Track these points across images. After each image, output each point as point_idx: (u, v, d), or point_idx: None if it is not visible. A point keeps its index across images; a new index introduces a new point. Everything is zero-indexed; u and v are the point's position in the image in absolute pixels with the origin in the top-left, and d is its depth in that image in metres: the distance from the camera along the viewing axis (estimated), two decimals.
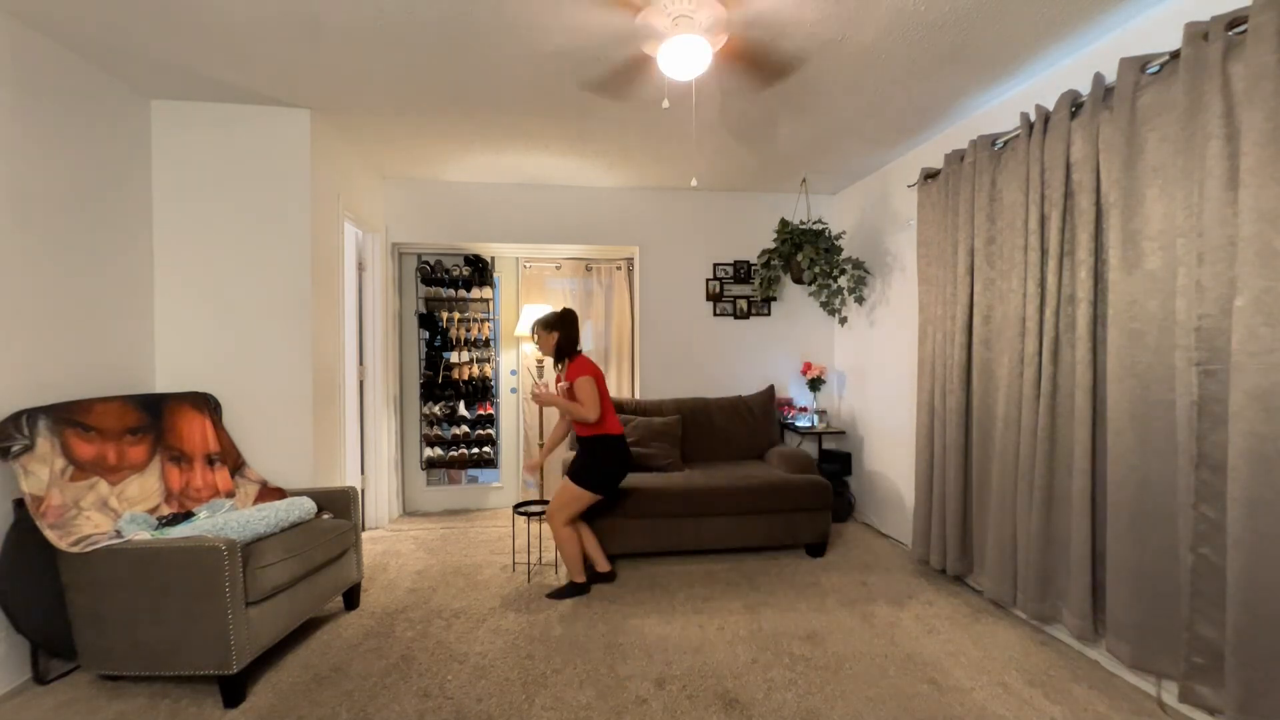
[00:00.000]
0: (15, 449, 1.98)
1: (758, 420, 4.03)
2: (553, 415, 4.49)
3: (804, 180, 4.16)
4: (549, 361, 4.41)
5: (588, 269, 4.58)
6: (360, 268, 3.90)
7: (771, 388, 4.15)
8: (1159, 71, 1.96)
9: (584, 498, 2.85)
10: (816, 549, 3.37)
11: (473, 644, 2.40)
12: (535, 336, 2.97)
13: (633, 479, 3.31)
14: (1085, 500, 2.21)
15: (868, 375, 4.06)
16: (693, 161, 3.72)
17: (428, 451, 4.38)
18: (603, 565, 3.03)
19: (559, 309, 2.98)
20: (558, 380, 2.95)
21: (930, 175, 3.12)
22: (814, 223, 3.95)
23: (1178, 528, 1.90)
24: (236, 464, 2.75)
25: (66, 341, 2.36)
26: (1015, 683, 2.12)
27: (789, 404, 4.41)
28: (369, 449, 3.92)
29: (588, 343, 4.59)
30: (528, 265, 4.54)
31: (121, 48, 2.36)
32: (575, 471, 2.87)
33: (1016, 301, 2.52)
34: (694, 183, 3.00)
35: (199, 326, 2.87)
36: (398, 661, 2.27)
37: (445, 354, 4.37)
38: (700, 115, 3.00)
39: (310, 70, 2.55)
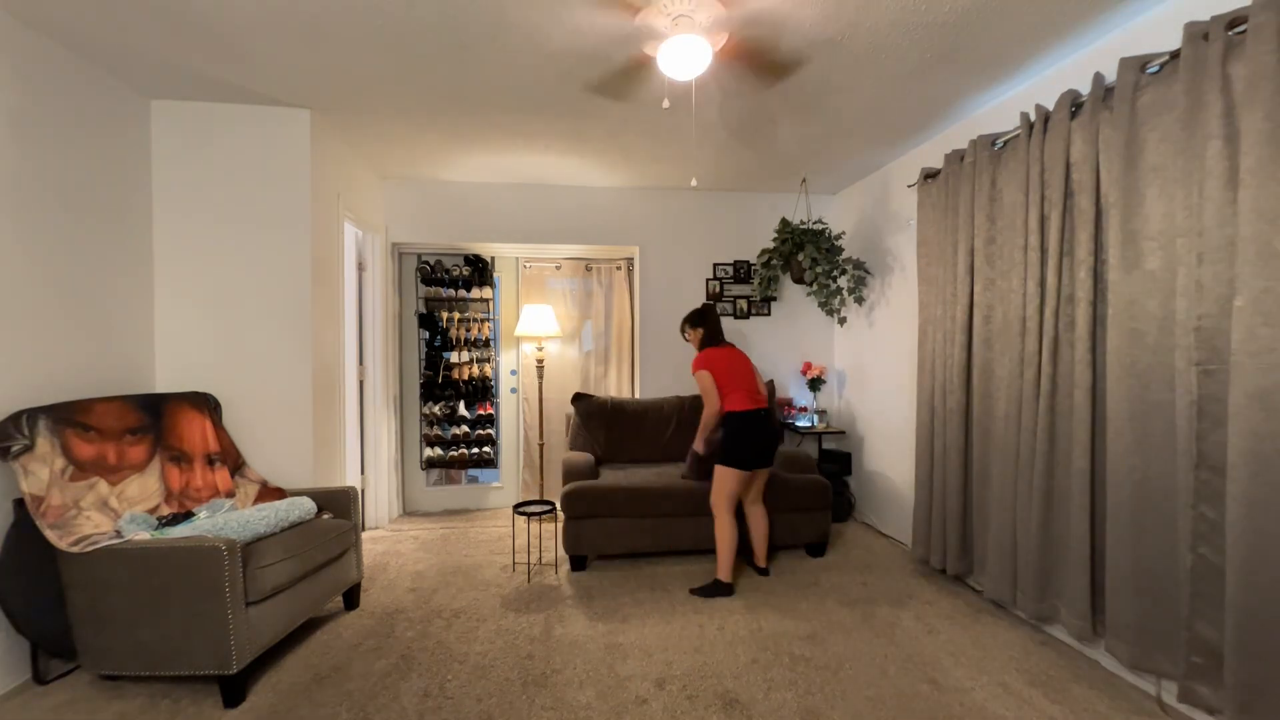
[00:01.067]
0: (15, 449, 1.99)
1: None
2: (552, 415, 4.50)
3: (804, 180, 4.16)
4: (548, 361, 4.43)
5: (588, 269, 4.58)
6: (360, 268, 3.90)
7: (771, 382, 4.14)
8: (1159, 71, 1.96)
9: (722, 475, 2.86)
10: (816, 549, 3.37)
11: (473, 644, 2.40)
12: (685, 334, 3.19)
13: (634, 479, 3.32)
14: (1085, 500, 2.21)
15: (868, 375, 4.06)
16: (693, 161, 3.72)
17: (428, 451, 4.38)
18: (760, 560, 3.07)
19: (700, 305, 3.19)
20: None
21: (930, 175, 3.12)
22: (814, 223, 3.95)
23: (1177, 527, 1.90)
24: (236, 464, 2.76)
25: (67, 341, 2.36)
26: (1015, 683, 2.12)
27: (789, 404, 4.41)
28: (369, 449, 3.92)
29: (588, 343, 4.60)
30: (528, 265, 4.54)
31: (121, 48, 2.36)
32: (716, 453, 2.94)
33: (1016, 301, 2.52)
34: (694, 183, 3.00)
35: (199, 326, 2.87)
36: (398, 661, 2.27)
37: (445, 354, 4.37)
38: (700, 115, 3.00)
39: (310, 70, 2.55)
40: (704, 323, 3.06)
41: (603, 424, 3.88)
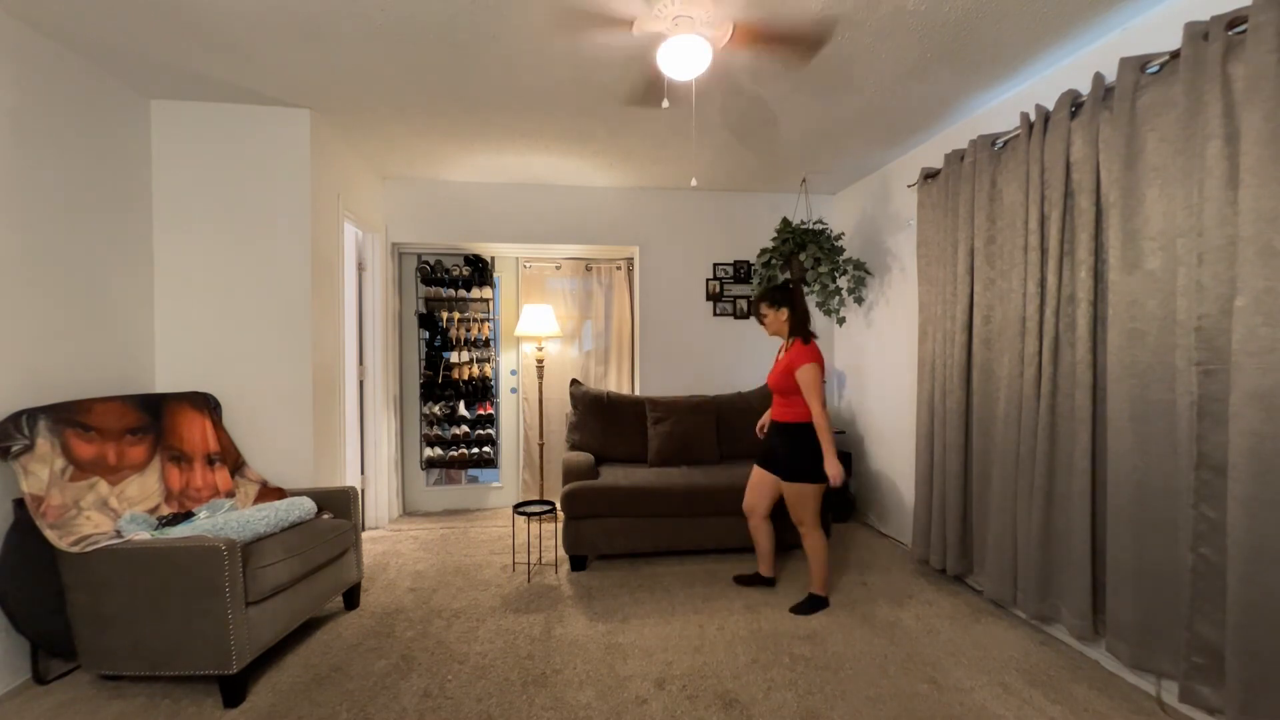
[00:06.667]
0: (15, 449, 1.98)
1: (757, 417, 4.02)
2: (552, 415, 4.50)
3: (804, 180, 4.15)
4: (548, 361, 4.42)
5: (588, 269, 4.58)
6: (360, 268, 3.90)
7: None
8: (1159, 71, 1.96)
9: (810, 491, 2.56)
10: None
11: (473, 644, 2.40)
12: (761, 314, 2.63)
13: (634, 478, 3.31)
14: (1085, 500, 2.21)
15: (867, 375, 4.06)
16: (693, 161, 3.72)
17: (428, 451, 4.38)
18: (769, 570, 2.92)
19: (780, 281, 2.70)
20: (778, 358, 2.63)
21: (930, 175, 3.12)
22: (814, 223, 3.95)
23: (1178, 527, 1.90)
24: (236, 464, 2.75)
25: (67, 341, 2.36)
26: (1015, 683, 2.12)
27: None
28: (369, 449, 3.92)
29: (588, 342, 4.59)
30: (528, 265, 4.54)
31: (121, 48, 2.36)
32: (797, 468, 2.56)
33: (1016, 301, 2.52)
34: (694, 183, 3.00)
35: (199, 326, 2.87)
36: (398, 661, 2.27)
37: (445, 354, 4.37)
38: (700, 115, 3.00)
39: (310, 70, 2.55)
40: (792, 303, 2.50)
41: (599, 416, 3.87)
